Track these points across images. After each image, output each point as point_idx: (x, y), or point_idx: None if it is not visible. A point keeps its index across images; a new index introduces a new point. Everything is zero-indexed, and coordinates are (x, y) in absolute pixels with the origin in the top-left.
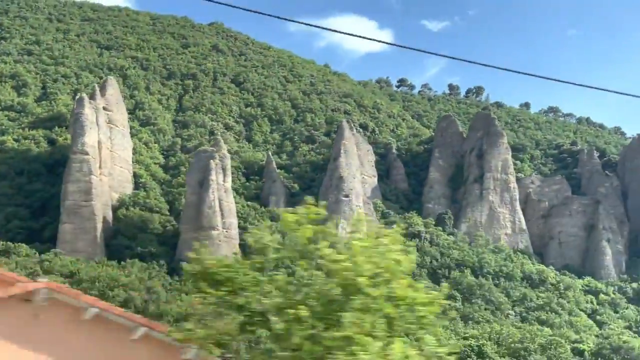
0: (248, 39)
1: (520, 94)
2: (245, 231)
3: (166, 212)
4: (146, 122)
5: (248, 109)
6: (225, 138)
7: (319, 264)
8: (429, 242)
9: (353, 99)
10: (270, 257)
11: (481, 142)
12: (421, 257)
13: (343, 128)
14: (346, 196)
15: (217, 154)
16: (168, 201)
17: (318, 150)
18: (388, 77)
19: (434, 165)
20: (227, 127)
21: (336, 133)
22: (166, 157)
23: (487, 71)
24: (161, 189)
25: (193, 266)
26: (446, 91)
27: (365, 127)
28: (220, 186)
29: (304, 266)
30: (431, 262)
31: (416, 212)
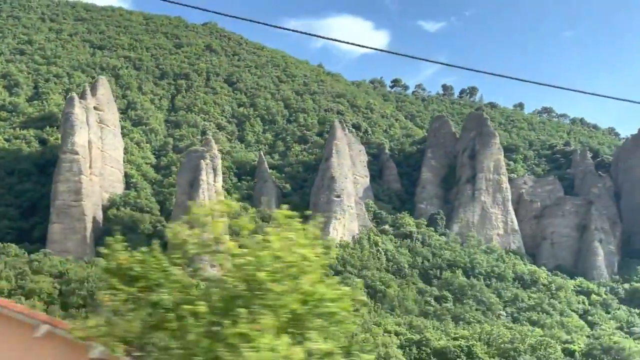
0: (242, 39)
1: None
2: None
3: (157, 212)
4: (138, 122)
5: (241, 109)
6: (217, 138)
7: (224, 259)
8: (421, 243)
9: (346, 99)
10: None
11: (473, 143)
12: (413, 258)
13: (335, 128)
14: (338, 196)
15: (208, 154)
16: (159, 201)
17: (310, 150)
18: (382, 78)
19: (427, 165)
20: (220, 127)
21: (328, 133)
22: (158, 157)
23: (480, 72)
24: (152, 189)
25: (108, 262)
26: (440, 92)
27: (358, 128)
28: (210, 186)
29: (210, 261)
30: (423, 263)
31: (408, 213)
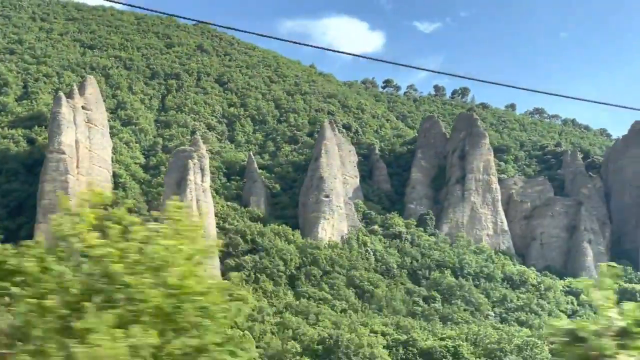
0: (233, 39)
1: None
2: (222, 230)
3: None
4: (128, 122)
5: (231, 109)
6: (207, 138)
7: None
8: (410, 243)
9: (337, 100)
10: (73, 246)
11: (463, 143)
12: (401, 258)
13: (325, 128)
14: (327, 196)
15: (196, 154)
16: (147, 201)
17: (300, 150)
18: (374, 78)
19: (417, 166)
20: (210, 127)
21: (318, 133)
22: (147, 157)
23: (474, 73)
24: (141, 189)
25: None
26: (432, 92)
27: (348, 128)
28: (198, 186)
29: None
30: (411, 263)
31: (398, 213)
